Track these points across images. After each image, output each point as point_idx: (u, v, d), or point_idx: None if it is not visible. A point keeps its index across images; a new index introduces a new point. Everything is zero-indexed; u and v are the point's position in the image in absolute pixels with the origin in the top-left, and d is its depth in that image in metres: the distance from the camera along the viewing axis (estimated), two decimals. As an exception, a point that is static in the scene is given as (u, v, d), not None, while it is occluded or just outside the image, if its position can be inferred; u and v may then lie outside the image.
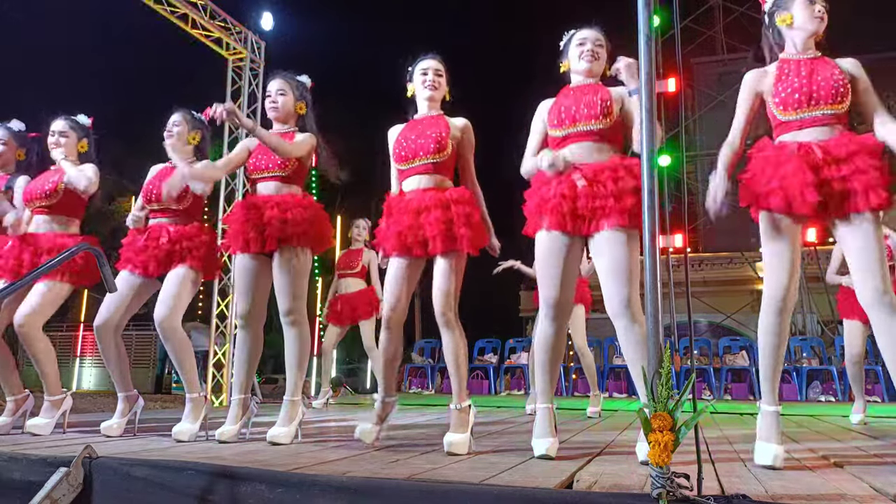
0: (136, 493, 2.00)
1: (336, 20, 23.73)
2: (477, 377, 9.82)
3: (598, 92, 2.49)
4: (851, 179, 2.16)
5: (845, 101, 2.29)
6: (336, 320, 5.85)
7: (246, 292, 3.01)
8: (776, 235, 2.28)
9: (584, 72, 2.57)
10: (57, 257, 2.24)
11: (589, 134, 2.44)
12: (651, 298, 1.72)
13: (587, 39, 2.57)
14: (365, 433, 2.73)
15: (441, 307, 2.67)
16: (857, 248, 2.18)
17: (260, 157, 3.03)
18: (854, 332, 4.54)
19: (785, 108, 2.33)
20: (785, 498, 1.67)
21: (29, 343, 3.15)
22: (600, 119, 2.42)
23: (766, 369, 2.30)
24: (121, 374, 3.22)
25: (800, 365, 8.92)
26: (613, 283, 2.32)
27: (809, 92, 2.29)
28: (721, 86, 16.96)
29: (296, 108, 3.11)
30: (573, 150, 2.45)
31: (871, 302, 2.15)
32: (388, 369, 2.82)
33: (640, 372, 2.26)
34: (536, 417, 2.48)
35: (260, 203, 2.95)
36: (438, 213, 2.66)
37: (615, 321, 2.33)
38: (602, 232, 2.35)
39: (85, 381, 13.60)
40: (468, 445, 2.54)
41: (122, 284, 3.13)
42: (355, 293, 5.84)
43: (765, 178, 2.28)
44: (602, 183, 2.34)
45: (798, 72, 2.35)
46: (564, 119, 2.48)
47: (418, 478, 1.91)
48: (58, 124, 3.41)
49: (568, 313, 2.52)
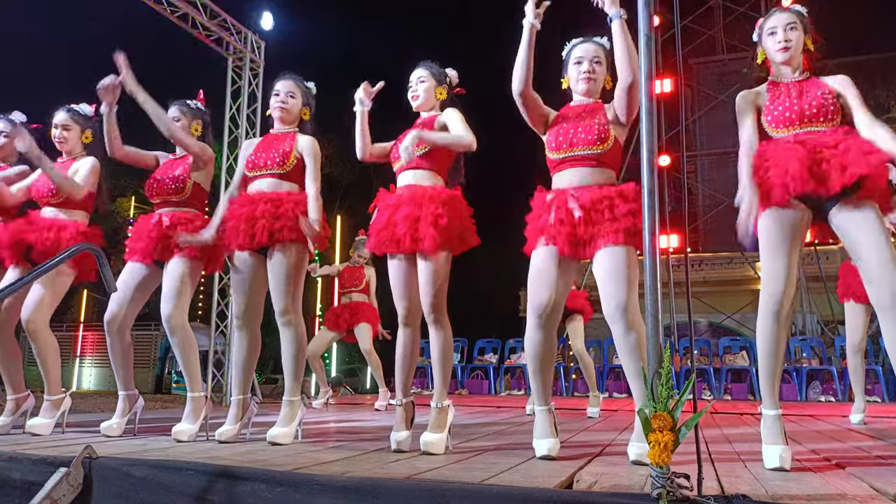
0: (136, 493, 2.00)
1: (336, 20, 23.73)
2: (477, 377, 9.82)
3: (597, 115, 2.49)
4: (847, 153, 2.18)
5: (836, 118, 2.32)
6: (334, 325, 5.86)
7: (241, 291, 3.00)
8: (775, 239, 2.28)
9: (582, 93, 2.58)
10: (57, 257, 2.24)
11: (587, 159, 2.46)
12: (651, 298, 1.72)
13: (584, 58, 2.55)
14: (402, 442, 2.59)
15: (427, 306, 2.66)
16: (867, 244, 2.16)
17: (259, 154, 3.03)
18: (855, 315, 4.31)
19: (777, 125, 2.37)
20: (785, 498, 1.67)
21: (36, 339, 3.17)
22: (597, 144, 2.44)
23: (766, 373, 2.30)
24: (126, 372, 3.24)
25: (800, 365, 8.92)
26: (610, 286, 2.33)
27: (801, 110, 2.34)
28: (721, 86, 17.00)
29: (301, 112, 3.12)
30: (573, 174, 2.48)
31: (883, 302, 2.11)
32: (406, 369, 2.78)
33: (634, 375, 2.29)
34: (536, 420, 2.49)
35: (254, 199, 2.95)
36: (408, 210, 2.63)
37: (611, 325, 2.32)
38: (601, 249, 2.37)
39: (85, 381, 13.62)
40: (445, 445, 2.55)
41: (126, 275, 3.17)
42: (359, 303, 5.88)
43: (761, 173, 2.30)
44: (600, 212, 2.38)
45: (788, 93, 2.40)
46: (562, 143, 2.49)
47: (418, 478, 1.91)
48: (59, 117, 3.41)
49: (556, 323, 2.51)
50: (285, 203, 2.90)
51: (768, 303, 2.27)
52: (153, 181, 3.26)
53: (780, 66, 2.45)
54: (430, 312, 2.66)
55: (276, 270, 2.91)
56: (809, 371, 8.77)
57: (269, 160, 2.99)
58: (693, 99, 18.03)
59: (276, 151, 2.99)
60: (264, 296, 3.05)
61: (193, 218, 3.20)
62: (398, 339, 2.80)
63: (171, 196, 3.21)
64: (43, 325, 3.18)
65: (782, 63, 2.44)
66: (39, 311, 3.15)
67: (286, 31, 8.12)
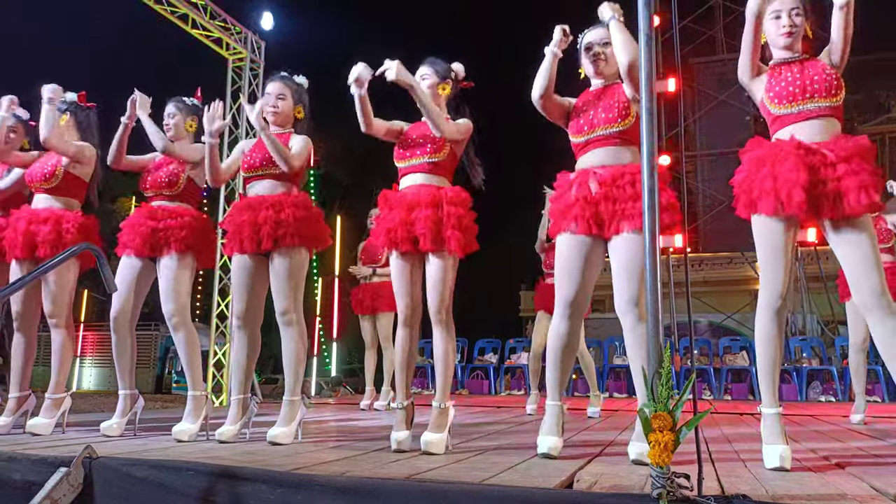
0: (137, 493, 2.00)
1: (336, 20, 23.73)
2: (477, 377, 9.82)
3: (616, 94, 2.54)
4: (845, 179, 2.18)
5: (840, 94, 2.30)
6: (358, 309, 5.81)
7: (242, 292, 3.01)
8: (770, 240, 2.30)
9: (595, 75, 2.64)
10: (57, 257, 2.25)
11: (609, 138, 2.50)
12: (651, 298, 1.73)
13: (593, 43, 2.62)
14: (402, 442, 2.59)
15: (435, 306, 2.68)
16: (852, 251, 2.20)
17: (254, 154, 3.03)
18: (857, 313, 4.31)
19: (780, 101, 2.35)
20: (785, 498, 1.67)
21: (60, 331, 3.25)
22: (619, 121, 2.47)
23: (765, 372, 2.31)
24: (128, 371, 3.26)
25: (800, 365, 8.91)
26: (625, 281, 2.37)
27: (804, 85, 2.32)
28: (721, 86, 16.97)
29: (294, 111, 3.12)
30: (596, 154, 2.51)
31: (869, 304, 2.16)
32: (406, 370, 2.78)
33: (640, 370, 2.30)
34: (546, 413, 2.50)
35: (255, 204, 2.96)
36: (429, 211, 2.65)
37: (622, 318, 2.38)
38: (622, 234, 2.39)
39: (85, 381, 13.62)
40: (445, 445, 2.56)
41: (124, 270, 3.21)
42: (380, 283, 5.67)
43: (758, 180, 2.30)
44: (621, 187, 2.40)
45: (790, 69, 2.39)
46: (584, 125, 2.53)
47: (418, 478, 1.91)
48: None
49: (582, 313, 2.53)
50: (286, 208, 2.92)
51: (768, 300, 2.29)
52: (147, 175, 3.32)
53: (781, 51, 2.44)
54: (439, 312, 2.67)
55: (278, 272, 2.93)
56: (809, 371, 8.77)
57: (265, 160, 2.99)
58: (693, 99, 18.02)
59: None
60: (265, 296, 3.06)
61: (185, 212, 3.21)
62: (397, 340, 2.80)
63: (164, 190, 3.25)
64: (69, 317, 3.28)
65: (784, 48, 2.42)
66: (62, 301, 3.24)
67: (286, 31, 8.13)
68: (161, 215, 3.18)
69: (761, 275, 2.32)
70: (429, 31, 25.68)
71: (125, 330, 3.20)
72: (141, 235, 3.15)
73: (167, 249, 3.14)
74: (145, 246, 3.15)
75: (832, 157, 2.21)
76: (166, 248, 3.14)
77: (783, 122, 2.35)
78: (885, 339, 2.14)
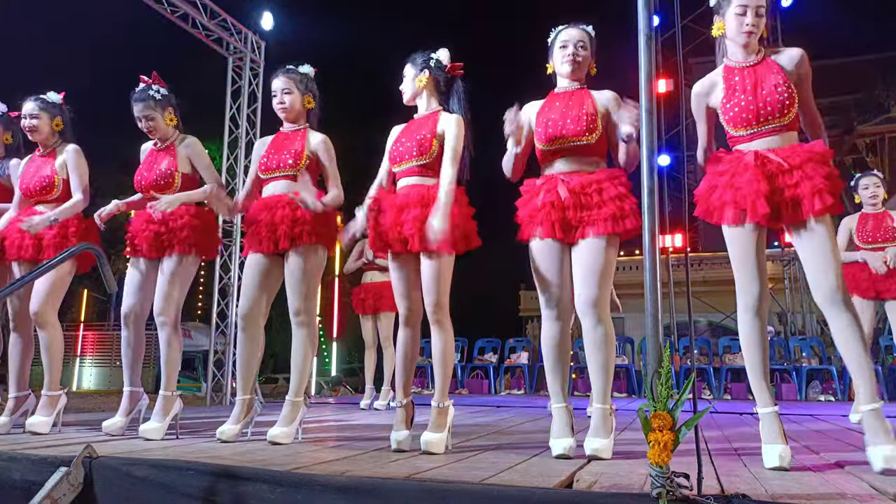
0: (137, 492, 2.00)
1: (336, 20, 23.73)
2: (477, 377, 9.83)
3: (584, 104, 2.57)
4: (800, 185, 2.24)
5: (792, 111, 2.33)
6: (360, 308, 5.82)
7: (250, 291, 3.00)
8: (739, 245, 2.34)
9: (566, 75, 2.66)
10: (57, 257, 2.25)
11: (576, 149, 2.57)
12: (651, 298, 1.73)
13: (569, 42, 2.63)
14: (402, 442, 2.60)
15: (430, 306, 2.66)
16: (812, 251, 2.25)
17: (272, 155, 3.04)
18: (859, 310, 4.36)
19: (735, 125, 2.39)
20: (785, 498, 1.67)
21: (45, 329, 3.24)
22: (586, 135, 2.54)
23: (755, 373, 2.34)
24: (135, 368, 3.27)
25: (800, 365, 8.92)
26: (583, 283, 2.46)
27: (756, 110, 2.34)
28: (721, 86, 16.93)
29: (303, 102, 3.11)
30: (564, 162, 2.59)
31: (827, 300, 2.21)
32: (406, 370, 2.78)
33: (597, 370, 2.45)
34: (553, 418, 2.52)
35: (272, 203, 2.97)
36: (417, 211, 2.64)
37: (582, 319, 2.47)
38: (587, 238, 2.48)
39: (85, 380, 13.61)
40: (445, 445, 2.56)
41: (133, 270, 3.25)
42: (382, 283, 5.67)
43: (719, 192, 2.36)
44: (589, 195, 2.49)
45: (744, 86, 2.37)
46: (553, 135, 2.58)
47: (418, 477, 1.91)
48: (27, 107, 3.41)
49: (570, 313, 2.58)
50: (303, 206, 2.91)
51: (746, 304, 2.34)
52: (140, 177, 3.30)
53: (739, 49, 2.43)
54: (434, 312, 2.66)
55: (294, 272, 2.93)
56: (809, 371, 8.77)
57: (282, 162, 3.01)
58: (693, 99, 18.01)
59: (288, 152, 3.02)
60: (273, 298, 3.07)
61: (185, 212, 3.20)
62: (398, 340, 2.80)
63: (161, 192, 3.22)
64: (52, 316, 3.27)
65: (743, 46, 2.42)
66: (48, 301, 3.22)
67: (286, 31, 8.09)
68: (165, 218, 3.16)
69: (736, 280, 2.35)
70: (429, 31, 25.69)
71: (135, 326, 3.22)
72: (147, 241, 3.17)
73: (170, 251, 3.15)
74: (152, 250, 3.18)
75: (787, 165, 2.26)
76: (169, 249, 3.15)
77: (741, 140, 2.40)
78: (841, 331, 2.20)
